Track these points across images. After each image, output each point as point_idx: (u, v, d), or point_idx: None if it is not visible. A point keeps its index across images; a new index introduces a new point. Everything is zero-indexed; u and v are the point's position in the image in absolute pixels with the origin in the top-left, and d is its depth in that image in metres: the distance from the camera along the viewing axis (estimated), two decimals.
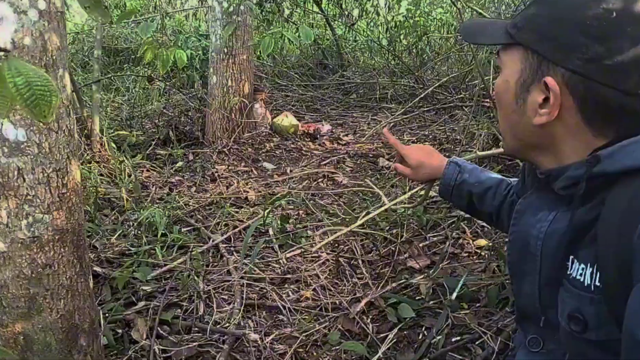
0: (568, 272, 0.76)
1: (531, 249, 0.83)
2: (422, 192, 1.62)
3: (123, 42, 6.34)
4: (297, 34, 3.25)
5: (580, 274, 0.74)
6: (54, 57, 1.19)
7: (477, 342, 1.59)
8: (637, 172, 0.68)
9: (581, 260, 0.74)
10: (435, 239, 2.24)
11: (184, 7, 6.80)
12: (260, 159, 3.49)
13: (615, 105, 0.71)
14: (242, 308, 1.79)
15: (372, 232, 2.28)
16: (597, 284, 0.71)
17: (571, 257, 0.76)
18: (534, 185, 0.90)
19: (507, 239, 0.93)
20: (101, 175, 3.00)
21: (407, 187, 2.71)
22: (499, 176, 1.20)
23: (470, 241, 2.16)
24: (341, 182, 3.07)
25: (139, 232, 2.35)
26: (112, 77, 4.91)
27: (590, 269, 0.72)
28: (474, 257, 2.07)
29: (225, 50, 3.61)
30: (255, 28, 5.04)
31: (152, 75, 4.31)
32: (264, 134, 3.85)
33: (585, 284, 0.72)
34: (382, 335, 1.68)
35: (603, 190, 0.72)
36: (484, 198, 1.18)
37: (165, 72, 3.41)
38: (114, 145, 3.23)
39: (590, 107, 0.72)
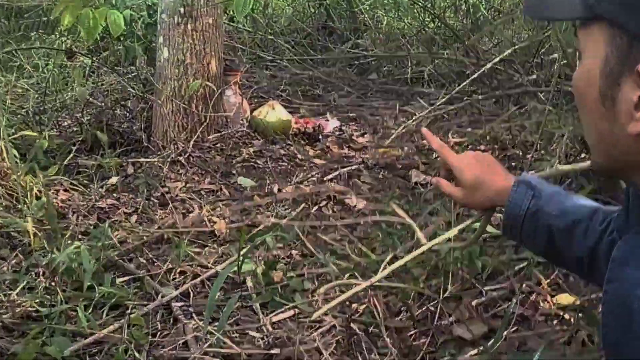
0: None
1: (636, 317, 0.84)
2: (477, 225, 1.64)
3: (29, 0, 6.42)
4: None
5: None
6: None
7: None
8: None
9: None
10: (495, 293, 2.26)
11: None
12: (234, 172, 3.53)
13: None
14: None
15: (401, 285, 2.30)
16: None
17: None
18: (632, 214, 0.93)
19: (601, 298, 0.94)
20: None
21: (455, 215, 2.73)
22: (593, 203, 1.23)
23: (548, 298, 2.18)
24: (355, 206, 3.09)
25: (53, 283, 2.37)
26: (13, 51, 4.96)
27: None
28: (554, 322, 2.09)
29: (182, 10, 3.67)
30: None
31: (73, 47, 4.35)
32: (240, 134, 3.89)
33: None
34: None
35: None
36: (570, 236, 1.20)
37: (92, 42, 3.46)
38: (15, 153, 3.25)
39: None
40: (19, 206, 2.95)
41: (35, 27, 5.78)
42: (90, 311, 2.24)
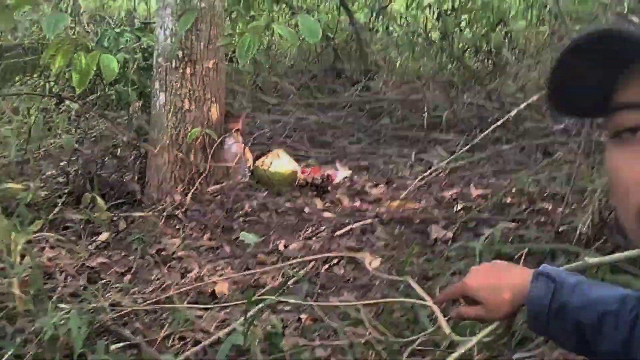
0: None
1: None
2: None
3: (10, 36, 6.52)
4: (295, 27, 3.39)
5: None
6: None
7: None
8: None
9: None
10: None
11: None
12: (236, 227, 3.57)
13: None
14: None
15: None
16: None
17: None
18: None
19: None
20: None
21: None
22: (620, 290, 1.24)
23: None
24: (370, 265, 3.12)
25: (40, 351, 2.40)
26: None
27: None
28: None
29: (181, 53, 3.74)
30: (228, 16, 5.19)
31: (56, 89, 4.43)
32: (242, 185, 3.94)
33: None
34: None
35: None
36: (599, 330, 1.21)
37: (83, 88, 3.54)
38: None
39: None
40: (3, 265, 3.00)
41: (17, 68, 5.86)
42: None
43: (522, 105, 4.21)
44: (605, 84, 0.84)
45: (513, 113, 4.18)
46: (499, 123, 4.18)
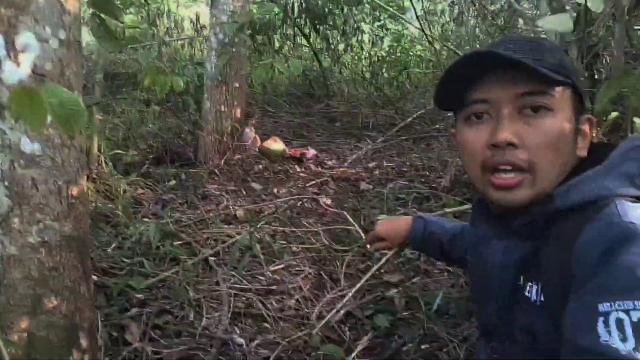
0: (521, 292, 0.83)
1: (489, 276, 0.89)
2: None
3: (120, 67, 6.45)
4: (287, 65, 3.38)
5: (529, 292, 0.81)
6: (71, 81, 1.28)
7: (444, 350, 1.67)
8: (584, 205, 0.76)
9: (530, 281, 0.81)
10: (411, 255, 2.32)
11: (180, 36, 6.93)
12: (249, 179, 3.57)
13: None
14: (229, 315, 1.85)
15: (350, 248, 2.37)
16: (542, 299, 0.78)
17: (522, 277, 0.83)
18: (482, 217, 0.95)
19: (468, 269, 1.01)
20: (97, 191, 3.05)
21: (385, 209, 2.81)
22: (463, 223, 1.27)
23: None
24: (324, 202, 3.16)
25: (133, 245, 2.41)
26: (110, 100, 4.98)
27: (536, 287, 0.80)
28: (445, 274, 2.16)
29: (220, 78, 3.71)
30: (247, 58, 5.17)
31: (149, 99, 4.38)
32: (253, 156, 3.93)
33: (532, 300, 0.80)
34: (357, 342, 1.76)
35: (547, 223, 0.79)
36: (452, 245, 1.25)
37: (162, 96, 3.50)
38: (110, 164, 3.29)
39: None
40: (112, 197, 2.99)
41: (124, 85, 5.79)
42: (157, 261, 2.28)
43: (414, 116, 4.26)
44: (466, 87, 0.83)
45: (408, 120, 4.23)
46: (400, 126, 4.22)
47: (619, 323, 0.63)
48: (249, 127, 3.99)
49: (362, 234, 2.25)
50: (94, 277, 2.04)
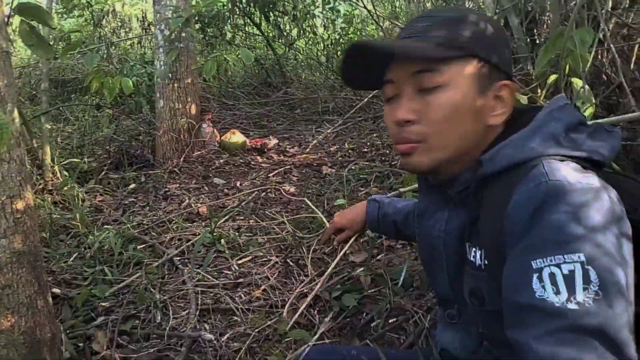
0: (467, 258, 0.86)
1: (436, 247, 0.93)
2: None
3: (70, 73, 6.26)
4: (237, 55, 3.35)
5: (474, 257, 0.84)
6: (2, 94, 1.25)
7: (411, 321, 1.72)
8: (511, 168, 0.79)
9: (474, 246, 0.85)
10: (372, 235, 2.35)
11: (127, 36, 6.78)
12: (211, 175, 3.54)
13: None
14: (197, 313, 1.86)
15: (316, 234, 2.39)
16: (486, 263, 0.81)
17: (467, 244, 0.87)
18: (425, 190, 0.99)
19: (416, 241, 1.04)
20: (55, 203, 3.00)
21: (347, 191, 2.84)
22: (415, 200, 1.29)
23: None
24: (288, 190, 3.17)
25: (95, 253, 2.38)
26: (60, 108, 4.86)
27: (480, 252, 0.83)
28: (408, 248, 2.21)
29: (170, 75, 3.66)
30: (199, 52, 5.10)
31: (100, 103, 4.29)
32: (213, 151, 3.90)
33: (477, 264, 0.83)
34: (326, 324, 1.79)
35: (481, 188, 0.82)
36: (406, 223, 1.28)
37: (112, 99, 3.43)
38: (65, 173, 3.23)
39: None
40: (70, 207, 2.94)
41: (74, 91, 5.64)
42: (121, 267, 2.26)
43: (370, 95, 4.29)
44: (382, 70, 0.87)
45: (365, 101, 4.26)
46: (358, 106, 4.25)
47: (552, 277, 0.67)
48: (205, 122, 3.95)
49: (325, 220, 2.28)
50: (57, 290, 2.02)
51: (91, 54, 3.15)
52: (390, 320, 1.75)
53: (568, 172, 0.73)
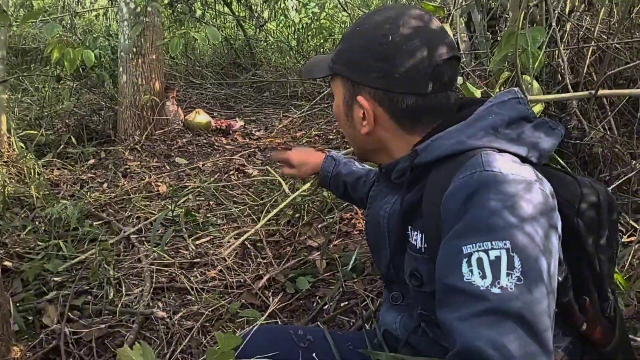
0: (408, 241, 0.90)
1: (381, 228, 0.96)
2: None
3: (31, 42, 6.06)
4: (204, 34, 3.31)
5: (415, 240, 0.88)
6: None
7: (362, 305, 1.78)
8: (446, 159, 0.83)
9: (415, 229, 0.89)
10: (331, 219, 2.39)
11: (93, 6, 6.58)
12: (173, 154, 3.51)
13: (415, 106, 0.86)
14: (151, 291, 1.87)
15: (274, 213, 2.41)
16: (425, 246, 0.85)
17: (410, 227, 0.90)
18: (381, 174, 1.03)
19: (365, 221, 1.08)
20: (10, 175, 2.92)
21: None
22: (368, 167, 1.34)
23: (361, 220, 2.35)
24: (251, 173, 3.18)
25: (50, 227, 2.34)
26: (20, 77, 4.70)
27: (420, 235, 0.87)
28: (364, 234, 2.26)
29: (135, 50, 3.59)
30: (167, 28, 5.00)
31: (61, 74, 4.18)
32: (177, 130, 3.87)
33: (417, 247, 0.87)
34: (281, 305, 1.83)
35: (424, 175, 0.86)
36: (356, 186, 1.31)
37: (73, 71, 3.35)
38: (22, 145, 3.15)
39: (397, 112, 0.87)
40: (25, 180, 2.87)
41: (35, 61, 5.47)
42: (76, 243, 2.24)
43: None
44: None
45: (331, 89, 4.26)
46: (325, 92, 4.26)
47: (479, 262, 0.70)
48: (170, 100, 3.90)
49: (286, 186, 2.30)
50: (8, 263, 1.99)
51: (52, 24, 3.06)
52: (342, 304, 1.80)
53: (504, 164, 0.77)
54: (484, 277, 0.69)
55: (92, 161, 3.31)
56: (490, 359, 0.65)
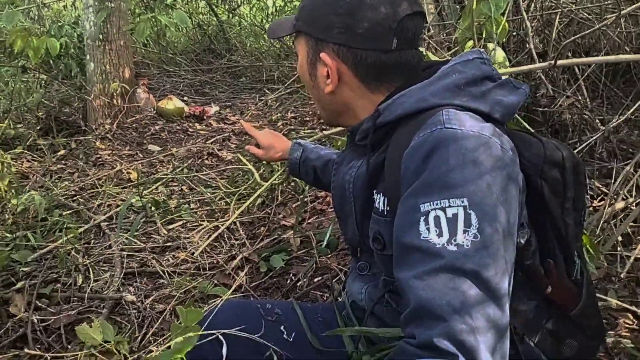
0: (373, 205, 0.89)
1: (346, 193, 0.95)
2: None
3: None
4: (172, 18, 3.26)
5: (379, 203, 0.87)
6: None
7: (335, 280, 1.78)
8: (409, 118, 0.82)
9: (379, 192, 0.88)
10: (306, 199, 2.38)
11: None
12: (145, 142, 3.47)
13: (379, 63, 0.84)
14: (121, 276, 1.85)
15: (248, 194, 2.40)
16: (388, 208, 0.84)
17: (374, 191, 0.89)
18: (348, 141, 1.02)
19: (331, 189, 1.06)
20: None
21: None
22: (336, 150, 1.33)
23: None
24: (226, 158, 3.15)
25: (17, 218, 2.30)
26: None
27: (383, 198, 0.86)
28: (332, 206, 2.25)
29: (101, 36, 3.53)
30: (137, 15, 4.90)
31: (26, 65, 4.09)
32: (149, 118, 3.82)
33: (380, 210, 0.86)
34: (254, 284, 1.82)
35: (389, 136, 0.85)
36: (325, 170, 1.29)
37: (38, 61, 3.28)
38: None
39: (361, 70, 0.86)
40: None
41: (1, 54, 5.34)
42: (45, 234, 2.21)
43: None
44: None
45: None
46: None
47: (437, 220, 0.70)
48: (140, 87, 3.85)
49: (257, 175, 2.29)
50: None
51: (13, 11, 2.99)
52: (315, 280, 1.80)
53: (464, 121, 0.76)
54: (440, 234, 0.69)
55: (62, 152, 3.26)
56: (444, 316, 0.65)
